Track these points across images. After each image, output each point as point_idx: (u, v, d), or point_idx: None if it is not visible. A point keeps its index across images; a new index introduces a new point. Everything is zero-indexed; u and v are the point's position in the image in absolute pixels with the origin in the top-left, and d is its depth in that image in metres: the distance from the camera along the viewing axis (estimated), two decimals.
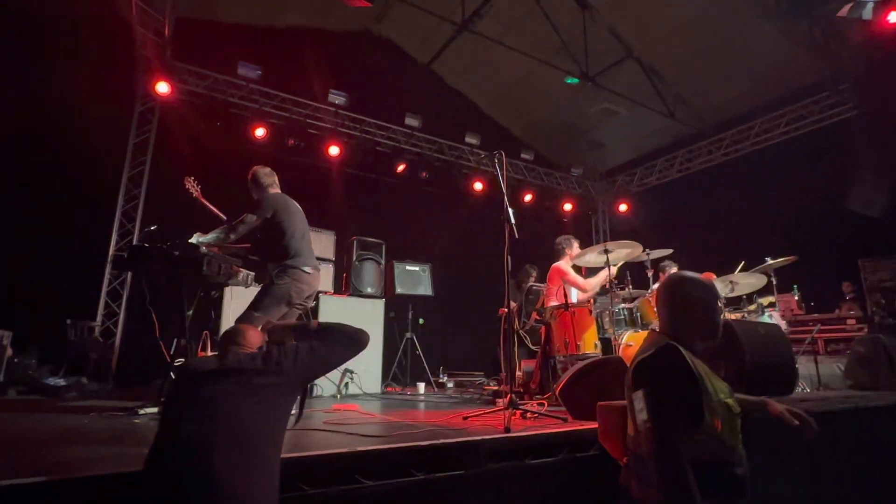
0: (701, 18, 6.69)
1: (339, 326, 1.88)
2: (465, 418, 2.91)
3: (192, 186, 3.77)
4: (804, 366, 5.07)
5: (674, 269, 5.29)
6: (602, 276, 4.64)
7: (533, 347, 4.90)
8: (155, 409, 2.96)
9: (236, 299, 4.68)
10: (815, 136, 7.57)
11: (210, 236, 3.31)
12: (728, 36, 6.80)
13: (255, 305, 3.27)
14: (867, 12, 4.69)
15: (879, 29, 4.91)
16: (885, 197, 5.91)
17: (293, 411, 1.67)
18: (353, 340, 1.84)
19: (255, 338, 1.89)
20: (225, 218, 3.67)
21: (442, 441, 2.15)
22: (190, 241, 3.18)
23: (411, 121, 8.00)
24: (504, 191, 3.06)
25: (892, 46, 5.13)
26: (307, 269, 3.42)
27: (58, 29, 5.51)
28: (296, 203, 3.66)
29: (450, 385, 6.37)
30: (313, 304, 3.75)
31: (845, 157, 6.41)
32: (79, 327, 5.34)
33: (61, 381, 4.40)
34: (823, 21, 6.00)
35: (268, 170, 3.72)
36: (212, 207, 3.74)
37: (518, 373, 4.97)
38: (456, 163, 8.75)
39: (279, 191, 3.69)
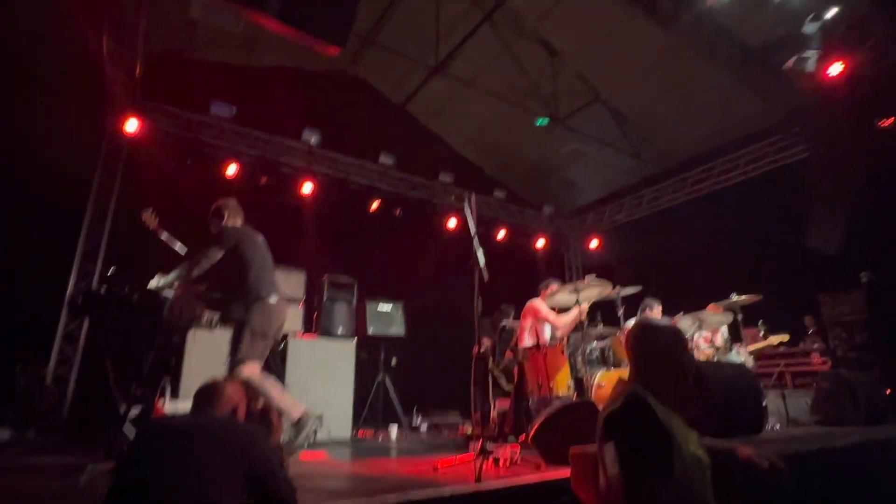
0: (661, 65, 7.05)
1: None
2: (435, 469, 2.82)
3: (150, 219, 3.66)
4: (772, 401, 5.15)
5: (657, 309, 5.25)
6: (574, 314, 4.67)
7: (506, 388, 4.85)
8: (100, 467, 2.76)
9: (199, 343, 4.50)
10: (774, 176, 7.94)
11: (171, 275, 3.18)
12: (687, 81, 7.17)
13: (238, 351, 3.10)
14: (810, 65, 5.04)
15: (823, 79, 5.27)
16: (840, 234, 6.20)
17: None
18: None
19: (232, 397, 1.82)
20: (185, 250, 3.56)
21: (410, 498, 2.07)
22: (149, 285, 3.06)
23: (385, 159, 8.08)
24: (473, 234, 3.08)
25: (835, 95, 5.49)
26: (272, 300, 3.28)
27: (21, 65, 5.43)
28: (258, 234, 3.57)
29: (423, 427, 6.21)
30: (280, 336, 3.59)
31: (802, 197, 6.73)
32: (28, 374, 5.03)
33: (5, 435, 4.10)
34: (774, 70, 6.40)
35: (234, 203, 3.63)
36: (170, 241, 3.63)
37: (493, 413, 4.89)
38: (430, 201, 8.82)
39: (241, 224, 3.59)
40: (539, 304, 4.80)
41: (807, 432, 3.84)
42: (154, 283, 3.12)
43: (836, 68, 5.12)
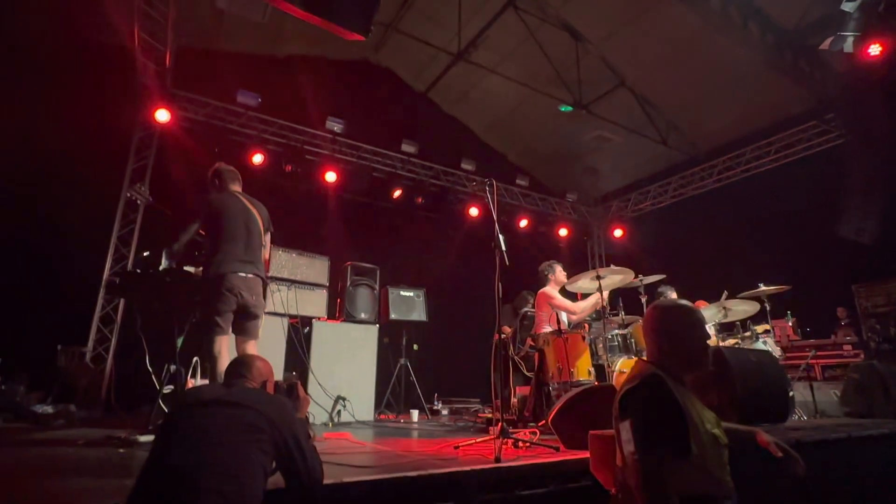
0: (689, 50, 6.88)
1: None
2: (456, 447, 2.88)
3: (140, 195, 3.67)
4: (800, 392, 5.05)
5: (672, 296, 5.27)
6: (592, 300, 4.64)
7: (528, 374, 4.86)
8: (142, 438, 2.91)
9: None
10: (806, 163, 7.71)
11: (163, 259, 3.25)
12: (716, 66, 6.98)
13: (202, 328, 3.13)
14: (848, 45, 4.84)
15: (861, 61, 5.05)
16: (875, 223, 5.98)
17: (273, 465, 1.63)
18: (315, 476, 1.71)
19: (262, 370, 1.91)
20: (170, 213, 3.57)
21: (430, 472, 2.12)
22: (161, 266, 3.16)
23: (408, 147, 8.11)
24: (495, 218, 3.09)
25: (874, 77, 5.27)
26: (225, 273, 3.12)
27: (61, 58, 5.63)
28: (245, 203, 3.43)
29: (444, 412, 6.30)
30: (259, 311, 3.38)
31: (835, 185, 6.51)
32: (69, 353, 5.29)
33: (49, 409, 4.33)
34: (808, 53, 6.17)
35: (228, 170, 3.55)
36: (166, 211, 3.63)
37: (513, 400, 4.92)
38: (452, 188, 8.84)
39: (236, 189, 3.51)
40: (550, 291, 4.77)
41: (834, 423, 3.76)
42: (164, 262, 3.22)
43: (875, 49, 4.91)
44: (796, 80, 6.61)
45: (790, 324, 5.84)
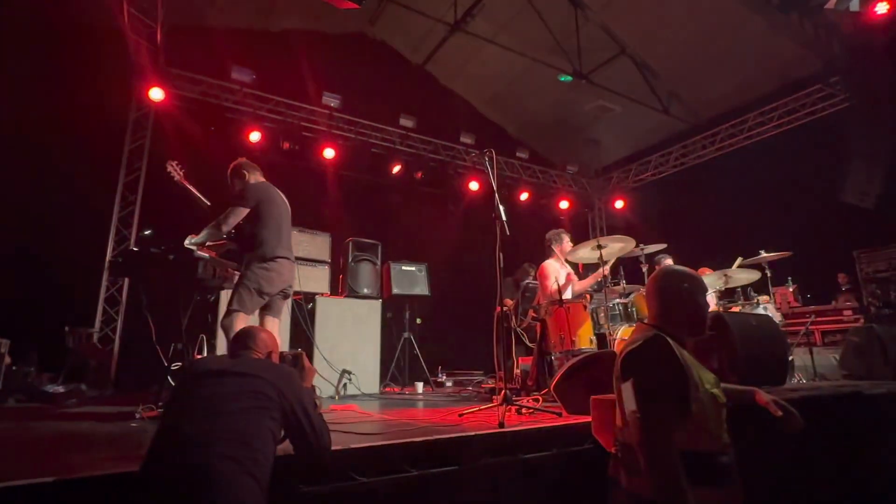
0: (692, 14, 6.73)
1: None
2: (460, 415, 2.94)
3: (175, 170, 3.73)
4: (800, 357, 5.11)
5: (669, 263, 5.32)
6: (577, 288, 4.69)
7: (530, 345, 4.92)
8: (152, 413, 2.98)
9: None
10: (809, 129, 7.62)
11: (202, 235, 3.29)
12: (719, 31, 6.83)
13: (231, 301, 3.24)
14: (854, 4, 4.72)
15: (868, 20, 4.94)
16: (879, 188, 5.94)
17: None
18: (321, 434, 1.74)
19: (266, 342, 1.94)
20: (209, 203, 3.63)
21: (436, 437, 2.17)
22: (185, 243, 3.19)
23: (406, 122, 8.02)
24: (495, 188, 3.08)
25: (881, 37, 5.16)
26: (276, 258, 3.34)
27: (51, 38, 5.53)
28: (279, 193, 3.63)
29: (448, 384, 6.39)
30: (291, 291, 3.62)
31: (839, 149, 6.45)
32: (77, 334, 5.36)
33: (60, 389, 4.41)
34: (814, 13, 6.03)
35: (250, 164, 3.70)
36: (196, 193, 3.67)
37: (516, 370, 4.99)
38: (451, 163, 8.77)
39: (263, 179, 3.67)
40: (549, 268, 4.76)
41: (833, 385, 3.82)
42: (188, 241, 3.24)
43: (882, 7, 4.79)
44: (801, 43, 6.48)
45: (791, 290, 5.87)
